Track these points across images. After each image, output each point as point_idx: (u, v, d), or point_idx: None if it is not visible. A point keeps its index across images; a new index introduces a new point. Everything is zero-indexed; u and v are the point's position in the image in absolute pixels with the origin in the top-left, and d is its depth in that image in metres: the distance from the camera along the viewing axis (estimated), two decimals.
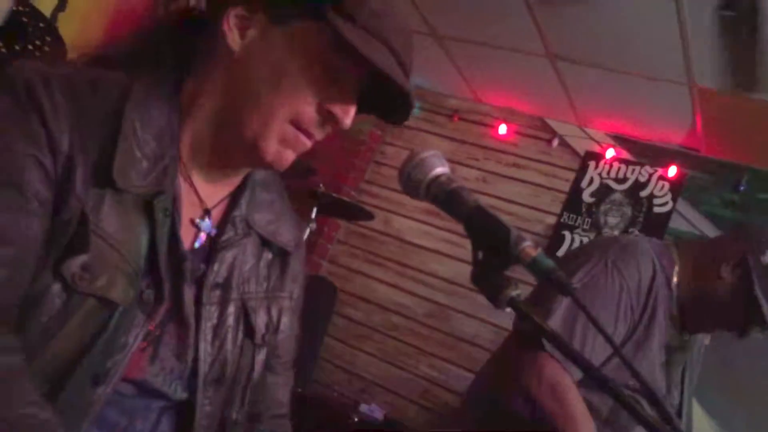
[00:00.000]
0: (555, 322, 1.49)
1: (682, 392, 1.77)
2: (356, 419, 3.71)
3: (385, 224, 4.49)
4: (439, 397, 4.05)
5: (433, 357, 4.14)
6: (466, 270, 0.82)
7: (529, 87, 4.06)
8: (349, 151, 4.57)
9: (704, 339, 1.92)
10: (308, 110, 0.95)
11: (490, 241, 0.81)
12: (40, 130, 0.86)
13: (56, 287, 0.84)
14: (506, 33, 3.52)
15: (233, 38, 0.95)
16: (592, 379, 0.77)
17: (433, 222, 4.32)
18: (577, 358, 0.77)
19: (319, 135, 0.99)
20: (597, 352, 1.51)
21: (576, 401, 1.46)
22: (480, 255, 0.82)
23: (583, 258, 1.62)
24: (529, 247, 0.78)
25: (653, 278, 1.62)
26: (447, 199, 0.87)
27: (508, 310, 0.79)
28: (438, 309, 4.20)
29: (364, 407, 3.88)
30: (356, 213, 3.97)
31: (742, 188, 3.68)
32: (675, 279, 1.68)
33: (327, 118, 0.97)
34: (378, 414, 3.86)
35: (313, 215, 3.65)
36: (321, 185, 3.73)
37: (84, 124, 0.89)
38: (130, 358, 0.90)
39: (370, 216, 3.83)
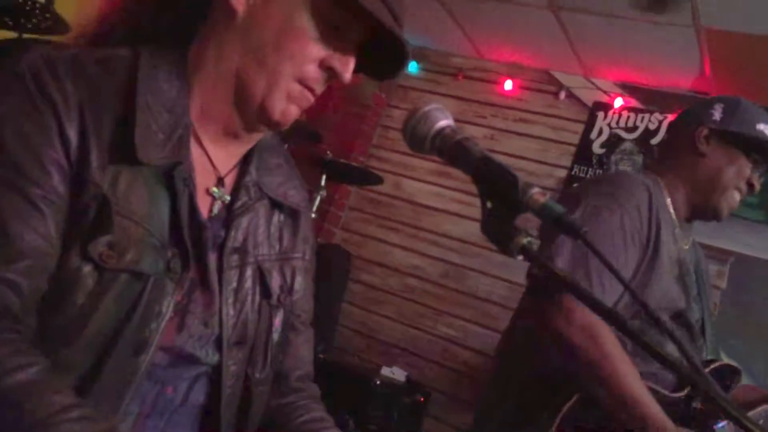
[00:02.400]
0: (563, 265, 1.49)
1: (702, 307, 1.77)
2: (378, 382, 3.75)
3: (395, 188, 4.48)
4: (458, 356, 4.08)
5: (451, 316, 4.16)
6: (478, 229, 0.81)
7: (533, 40, 4.00)
8: (355, 117, 4.55)
9: (708, 264, 1.93)
10: (312, 67, 0.99)
11: (499, 191, 0.81)
12: (52, 124, 0.87)
13: (87, 268, 0.86)
14: None
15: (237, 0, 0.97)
16: (613, 323, 0.76)
17: (443, 183, 4.31)
18: (594, 304, 0.76)
19: (320, 90, 1.03)
20: (613, 286, 1.51)
21: (609, 338, 1.46)
22: (489, 205, 0.81)
23: (576, 198, 1.63)
24: (537, 193, 0.78)
25: (650, 199, 1.64)
26: (453, 151, 0.87)
27: (520, 258, 0.79)
28: (452, 269, 4.21)
29: (385, 370, 3.92)
30: (365, 178, 3.97)
31: None
32: (666, 197, 1.73)
33: (329, 73, 1.00)
34: (400, 376, 3.90)
35: (323, 183, 3.65)
36: (329, 152, 3.72)
37: (95, 105, 0.90)
38: (164, 327, 0.92)
39: (379, 180, 3.82)
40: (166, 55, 0.99)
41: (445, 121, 0.88)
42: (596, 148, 4.03)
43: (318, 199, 3.68)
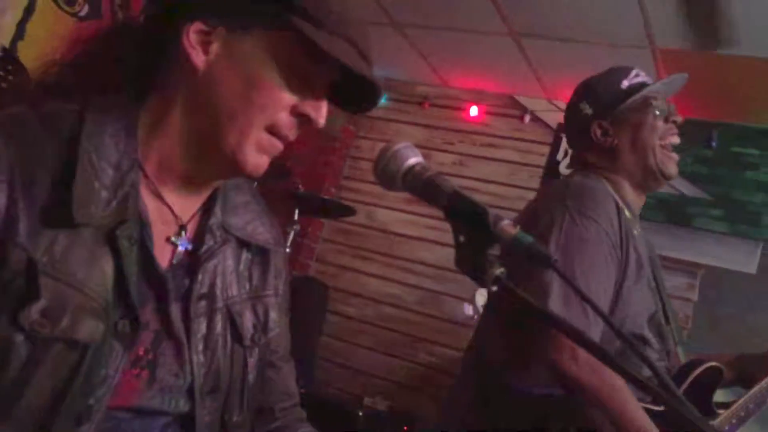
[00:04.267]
0: (556, 302, 1.45)
1: (662, 298, 1.75)
2: (361, 414, 3.73)
3: (368, 218, 4.50)
4: (440, 382, 4.08)
5: (430, 343, 4.17)
6: (452, 254, 0.83)
7: (496, 66, 4.09)
8: (324, 150, 4.58)
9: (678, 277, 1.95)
10: (283, 116, 0.96)
11: (470, 224, 0.82)
12: None
13: (19, 338, 0.82)
14: (466, 15, 3.54)
15: (197, 55, 0.94)
16: (603, 360, 0.76)
17: (415, 210, 4.34)
18: (585, 342, 0.77)
19: (292, 137, 1.01)
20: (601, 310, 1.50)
21: (615, 374, 1.39)
22: (461, 238, 0.84)
23: (545, 217, 1.57)
24: (507, 225, 0.80)
25: (617, 208, 1.62)
26: (423, 187, 0.88)
27: (494, 288, 0.81)
28: (429, 295, 4.23)
29: (368, 401, 3.91)
30: (337, 210, 3.98)
31: (714, 144, 3.73)
32: (618, 197, 1.70)
33: (301, 119, 0.98)
34: (383, 406, 3.89)
35: (296, 217, 3.66)
36: (300, 186, 3.73)
37: (30, 166, 0.87)
38: (121, 388, 0.89)
39: (351, 211, 3.84)
40: (116, 111, 0.96)
41: (414, 159, 0.90)
42: (563, 169, 4.10)
43: (292, 233, 3.69)
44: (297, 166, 4.28)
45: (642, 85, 1.74)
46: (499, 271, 0.80)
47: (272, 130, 0.97)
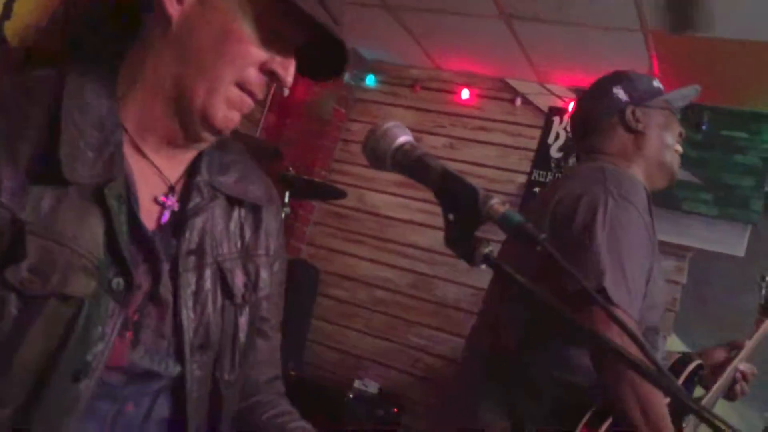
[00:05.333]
0: (609, 281, 1.44)
1: None
2: (351, 396, 3.76)
3: (359, 201, 4.50)
4: (430, 365, 4.11)
5: (420, 326, 4.19)
6: (443, 238, 0.83)
7: (487, 49, 4.07)
8: (315, 133, 4.56)
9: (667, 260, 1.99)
10: (252, 72, 0.98)
11: (459, 203, 0.82)
12: None
13: (10, 297, 0.83)
14: None
15: (172, 5, 0.95)
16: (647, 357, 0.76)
17: (406, 194, 4.34)
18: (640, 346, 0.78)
19: (261, 94, 1.02)
20: (640, 290, 1.51)
21: (648, 387, 1.40)
22: (451, 217, 0.84)
23: (586, 199, 1.57)
24: (497, 204, 0.80)
25: (647, 198, 1.65)
26: (413, 166, 0.88)
27: (483, 267, 0.81)
28: (420, 279, 4.24)
29: (358, 383, 3.93)
30: (328, 192, 3.98)
31: (704, 127, 3.74)
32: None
33: (270, 76, 1.00)
34: (373, 388, 3.91)
35: (287, 199, 3.65)
36: (290, 169, 3.73)
37: (13, 132, 0.88)
38: (112, 347, 0.89)
39: (342, 194, 3.84)
40: (95, 71, 0.97)
41: (404, 138, 0.90)
42: (554, 152, 4.11)
43: (282, 216, 3.68)
44: (288, 149, 4.28)
45: (662, 91, 1.82)
46: (487, 249, 0.80)
47: (241, 86, 0.98)
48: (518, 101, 4.29)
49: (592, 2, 3.17)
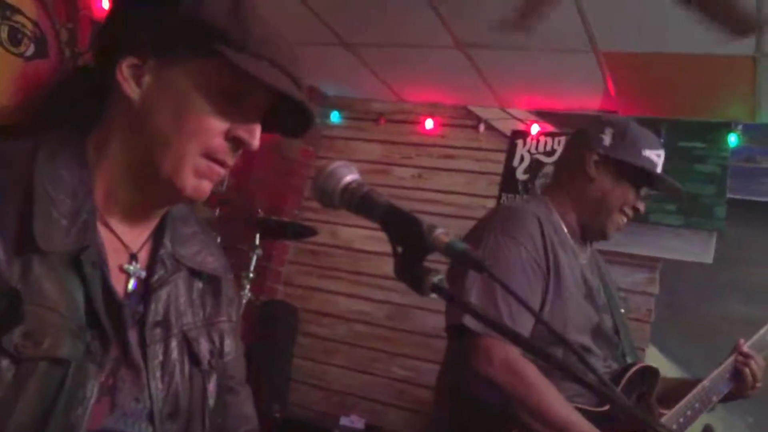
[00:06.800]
0: (474, 300, 1.54)
1: (612, 314, 1.85)
2: None
3: (332, 237, 4.51)
4: (415, 396, 4.09)
5: (402, 357, 4.18)
6: None
7: (447, 78, 4.15)
8: (283, 172, 4.58)
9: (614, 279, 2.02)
10: (217, 140, 0.99)
11: (406, 235, 0.86)
12: None
13: (4, 362, 0.85)
14: (413, 31, 3.60)
15: (130, 88, 0.98)
16: (532, 353, 0.80)
17: (376, 226, 4.35)
18: (512, 336, 0.81)
19: (231, 161, 1.03)
20: (524, 319, 1.56)
21: (530, 369, 1.50)
22: (399, 250, 0.86)
23: (474, 240, 1.68)
24: (441, 234, 0.83)
25: (541, 228, 1.69)
26: (360, 203, 0.92)
27: (434, 296, 0.83)
28: (397, 309, 4.24)
29: (344, 420, 3.90)
30: (299, 231, 3.99)
31: (662, 140, 3.82)
32: (558, 218, 1.80)
33: (236, 143, 1.01)
34: (359, 424, 3.89)
35: (257, 241, 3.66)
36: (260, 211, 3.74)
37: None
38: (91, 411, 0.91)
39: (312, 231, 3.86)
40: (66, 143, 1.00)
41: (350, 177, 0.93)
42: (520, 175, 4.17)
43: (254, 258, 3.69)
44: (258, 189, 4.29)
45: (652, 165, 1.80)
46: (437, 278, 0.83)
47: (208, 156, 1.00)
48: (482, 127, 4.36)
49: (543, 26, 3.26)
